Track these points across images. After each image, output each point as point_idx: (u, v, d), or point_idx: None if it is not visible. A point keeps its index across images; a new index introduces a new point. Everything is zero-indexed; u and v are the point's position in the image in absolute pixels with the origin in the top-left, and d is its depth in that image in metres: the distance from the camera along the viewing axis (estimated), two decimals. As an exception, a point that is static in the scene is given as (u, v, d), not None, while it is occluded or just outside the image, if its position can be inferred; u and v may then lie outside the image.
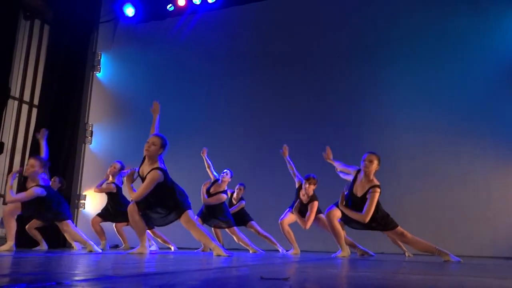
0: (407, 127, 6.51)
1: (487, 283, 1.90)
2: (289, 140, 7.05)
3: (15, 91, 7.66)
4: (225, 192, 5.66)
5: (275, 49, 7.54)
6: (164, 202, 3.90)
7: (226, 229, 5.70)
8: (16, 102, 7.80)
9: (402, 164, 6.36)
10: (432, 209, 6.12)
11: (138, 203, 3.92)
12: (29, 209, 4.69)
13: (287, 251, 5.49)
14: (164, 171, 3.89)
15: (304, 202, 5.20)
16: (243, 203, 6.03)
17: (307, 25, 7.46)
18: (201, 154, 5.85)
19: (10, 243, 4.68)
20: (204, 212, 5.67)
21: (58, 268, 2.26)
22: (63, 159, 7.36)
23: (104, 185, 5.85)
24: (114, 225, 6.22)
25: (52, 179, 5.58)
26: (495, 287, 1.75)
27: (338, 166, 4.74)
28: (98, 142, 8.19)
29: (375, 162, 3.97)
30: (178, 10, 8.25)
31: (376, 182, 3.99)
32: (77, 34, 7.86)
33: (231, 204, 5.98)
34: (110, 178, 5.89)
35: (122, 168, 5.93)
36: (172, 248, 6.10)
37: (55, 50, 7.67)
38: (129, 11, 8.40)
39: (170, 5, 8.26)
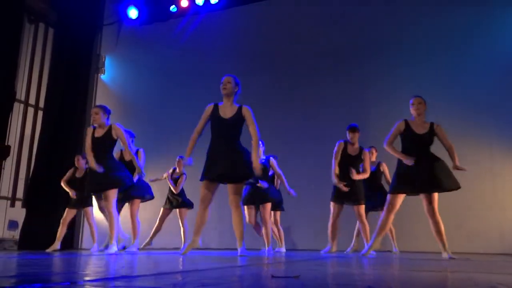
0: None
1: (498, 279, 1.90)
2: (295, 139, 7.08)
3: (20, 94, 7.71)
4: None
5: (279, 48, 7.54)
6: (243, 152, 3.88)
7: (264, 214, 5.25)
8: (21, 105, 7.85)
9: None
10: (438, 206, 6.09)
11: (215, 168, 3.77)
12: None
13: (322, 250, 5.31)
14: None
15: (354, 153, 5.00)
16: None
17: (311, 23, 7.46)
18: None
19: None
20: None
21: (72, 268, 2.27)
22: (70, 161, 7.39)
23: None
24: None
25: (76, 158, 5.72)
26: (507, 283, 1.75)
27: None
28: (103, 144, 8.22)
29: (423, 103, 4.11)
30: (181, 11, 8.27)
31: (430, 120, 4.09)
32: (81, 37, 7.90)
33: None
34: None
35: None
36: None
37: (60, 53, 7.71)
38: (133, 13, 8.44)
39: (173, 6, 8.29)
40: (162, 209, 6.18)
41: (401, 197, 4.04)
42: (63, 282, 1.43)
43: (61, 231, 5.63)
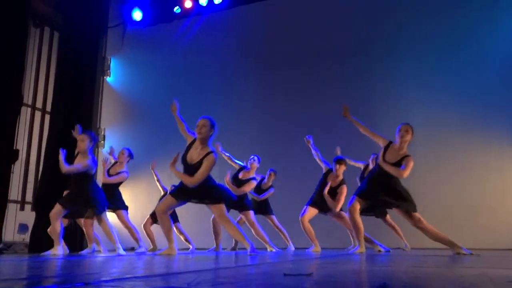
0: (421, 120, 6.44)
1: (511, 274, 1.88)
2: (300, 137, 7.05)
3: (27, 98, 7.75)
4: (253, 178, 5.58)
5: (284, 47, 7.53)
6: (208, 190, 3.92)
7: (244, 220, 5.65)
8: (29, 109, 7.89)
9: (416, 157, 6.29)
10: (447, 202, 6.07)
11: (181, 192, 3.92)
12: (67, 203, 4.64)
13: (307, 249, 5.44)
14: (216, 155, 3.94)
15: (334, 185, 5.19)
16: (271, 191, 5.95)
17: (315, 22, 7.44)
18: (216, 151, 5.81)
19: (56, 247, 4.64)
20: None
21: (85, 269, 2.29)
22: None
23: (118, 177, 5.63)
24: (142, 226, 6.28)
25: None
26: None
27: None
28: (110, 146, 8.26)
29: (410, 133, 4.08)
30: (185, 12, 8.29)
31: (408, 153, 4.08)
32: (86, 40, 7.93)
33: (260, 191, 5.90)
34: (118, 165, 5.75)
35: (131, 155, 5.83)
36: (191, 247, 6.13)
37: (65, 56, 7.74)
38: (137, 15, 8.47)
39: (177, 7, 8.31)
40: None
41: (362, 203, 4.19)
42: (78, 283, 1.43)
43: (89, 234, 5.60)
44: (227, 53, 7.89)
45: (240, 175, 5.59)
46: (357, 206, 4.15)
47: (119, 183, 5.62)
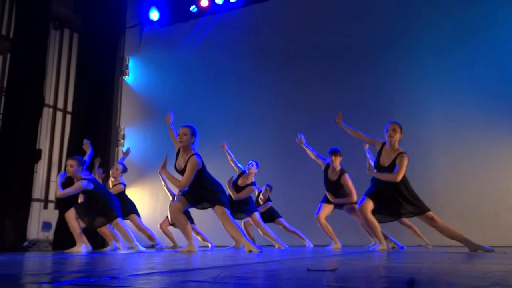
0: (441, 116, 6.35)
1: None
2: (317, 134, 7.03)
3: (49, 99, 7.92)
4: (253, 183, 5.63)
5: (300, 44, 7.50)
6: (205, 189, 4.03)
7: (252, 222, 5.70)
8: (50, 110, 8.06)
9: (435, 152, 6.21)
10: (469, 199, 5.95)
11: (186, 196, 4.08)
12: (82, 211, 4.80)
13: (327, 246, 5.41)
14: (200, 157, 4.04)
15: (334, 179, 5.17)
16: (269, 204, 6.05)
17: (331, 18, 7.38)
18: (222, 148, 5.87)
19: (79, 244, 4.74)
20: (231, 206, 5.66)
21: (109, 265, 2.32)
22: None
23: (113, 188, 5.78)
24: (159, 225, 6.38)
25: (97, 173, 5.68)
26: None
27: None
28: (130, 145, 8.36)
29: (398, 131, 4.03)
30: (201, 11, 8.32)
31: (401, 150, 4.03)
32: (105, 41, 8.05)
33: (257, 204, 5.98)
34: (113, 180, 5.89)
35: (125, 170, 6.00)
36: (210, 245, 6.19)
37: (85, 57, 7.87)
38: (154, 15, 8.54)
39: (194, 6, 8.35)
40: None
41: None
42: (106, 277, 1.45)
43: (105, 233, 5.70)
44: (243, 51, 7.90)
45: (239, 182, 5.61)
46: (369, 205, 4.07)
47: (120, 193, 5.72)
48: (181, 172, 4.05)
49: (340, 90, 7.05)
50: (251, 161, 5.70)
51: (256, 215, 5.61)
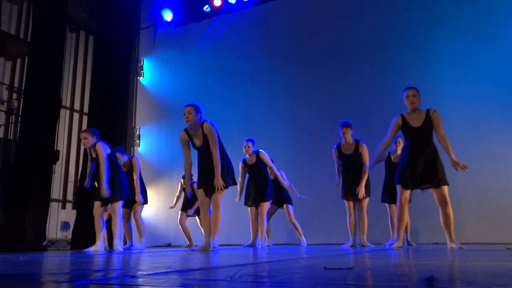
0: (456, 109, 6.23)
1: None
2: (331, 131, 6.99)
3: (66, 100, 8.05)
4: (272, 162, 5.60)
5: (313, 42, 7.46)
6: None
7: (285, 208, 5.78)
8: (67, 111, 8.19)
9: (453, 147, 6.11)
10: (487, 196, 5.83)
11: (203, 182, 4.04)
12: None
13: (343, 244, 5.33)
14: (212, 123, 4.06)
15: (349, 152, 5.04)
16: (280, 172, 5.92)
17: (344, 15, 7.33)
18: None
19: (98, 243, 4.78)
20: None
21: (128, 264, 2.35)
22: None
23: None
24: (178, 222, 6.38)
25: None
26: None
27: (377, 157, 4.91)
28: (146, 145, 8.45)
29: (418, 95, 3.99)
30: (214, 11, 8.35)
31: (425, 109, 3.97)
32: (119, 42, 8.14)
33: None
34: None
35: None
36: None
37: (100, 58, 7.97)
38: (167, 15, 8.60)
39: (207, 6, 8.37)
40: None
41: (410, 191, 4.00)
42: (124, 276, 1.47)
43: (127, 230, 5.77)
44: (257, 50, 7.90)
45: (249, 162, 5.53)
46: (407, 195, 3.96)
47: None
48: (202, 147, 4.02)
49: (354, 87, 7.00)
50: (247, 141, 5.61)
51: (268, 205, 5.54)
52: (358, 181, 4.97)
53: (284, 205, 6.00)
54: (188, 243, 6.40)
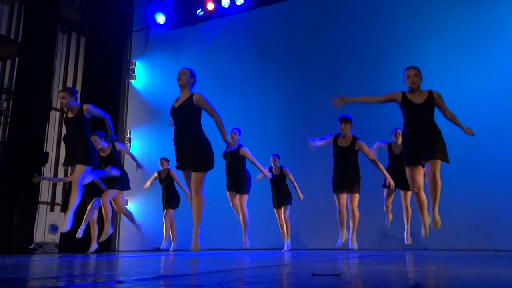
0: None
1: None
2: (324, 135, 7.01)
3: (56, 102, 7.97)
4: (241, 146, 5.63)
5: (305, 47, 7.50)
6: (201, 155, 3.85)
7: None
8: (57, 113, 8.12)
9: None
10: (475, 201, 5.87)
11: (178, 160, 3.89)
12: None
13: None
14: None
15: (345, 145, 4.88)
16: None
17: (337, 21, 7.38)
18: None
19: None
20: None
21: (116, 269, 2.33)
22: (104, 165, 7.60)
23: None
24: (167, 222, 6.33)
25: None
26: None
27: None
28: (136, 147, 8.40)
29: (419, 74, 3.89)
30: (208, 15, 8.35)
31: (427, 90, 3.86)
32: (112, 44, 8.10)
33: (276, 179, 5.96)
34: None
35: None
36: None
37: (92, 61, 7.93)
38: (160, 18, 8.58)
39: (200, 10, 8.38)
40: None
41: (418, 170, 3.84)
42: (111, 282, 1.46)
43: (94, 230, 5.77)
44: (249, 54, 7.91)
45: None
46: (418, 178, 3.82)
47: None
48: (178, 108, 3.90)
49: (346, 92, 6.98)
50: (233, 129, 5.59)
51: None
52: (349, 176, 4.82)
53: (283, 206, 5.98)
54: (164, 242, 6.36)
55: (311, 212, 6.68)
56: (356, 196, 4.86)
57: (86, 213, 5.59)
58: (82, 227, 5.49)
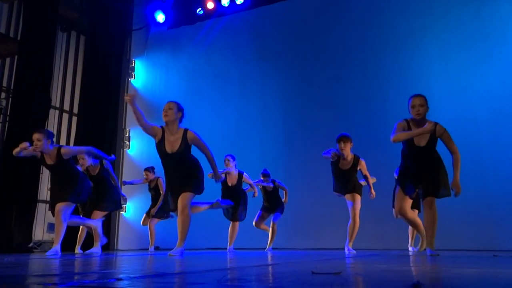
0: (447, 116, 6.26)
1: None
2: (323, 136, 7.03)
3: (55, 101, 7.97)
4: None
5: (305, 47, 7.50)
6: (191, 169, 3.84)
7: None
8: (57, 112, 8.11)
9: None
10: (473, 201, 5.86)
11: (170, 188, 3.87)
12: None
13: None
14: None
15: (346, 168, 4.67)
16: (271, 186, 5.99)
17: (337, 21, 7.38)
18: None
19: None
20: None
21: (115, 267, 2.32)
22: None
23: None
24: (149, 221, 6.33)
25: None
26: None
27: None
28: (135, 147, 8.40)
29: (426, 105, 3.57)
30: (207, 14, 8.35)
31: (432, 122, 3.52)
32: (111, 43, 8.09)
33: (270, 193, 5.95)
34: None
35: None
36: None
37: (92, 59, 7.92)
38: (160, 17, 8.58)
39: (200, 9, 8.37)
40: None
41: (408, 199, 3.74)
42: (110, 279, 1.46)
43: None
44: (249, 53, 7.91)
45: (228, 182, 5.55)
46: (404, 203, 3.68)
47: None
48: (175, 154, 3.73)
49: (346, 92, 7.04)
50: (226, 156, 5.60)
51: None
52: (348, 184, 4.69)
53: (272, 214, 5.96)
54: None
55: (309, 212, 6.69)
56: (358, 200, 4.66)
57: (79, 234, 5.47)
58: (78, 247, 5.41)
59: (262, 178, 5.87)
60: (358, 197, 4.69)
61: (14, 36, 7.50)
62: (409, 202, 3.77)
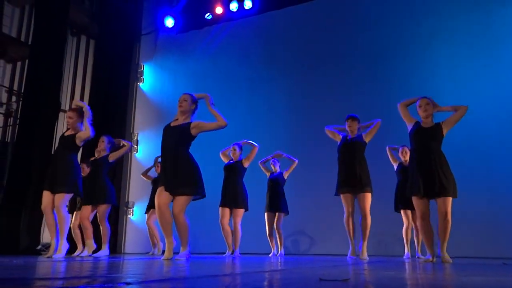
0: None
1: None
2: (331, 140, 7.00)
3: (65, 104, 8.04)
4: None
5: (312, 52, 7.50)
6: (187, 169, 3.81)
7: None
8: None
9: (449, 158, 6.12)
10: (483, 208, 5.82)
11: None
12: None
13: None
14: None
15: (351, 142, 4.63)
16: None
17: (344, 25, 7.38)
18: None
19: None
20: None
21: (123, 270, 2.33)
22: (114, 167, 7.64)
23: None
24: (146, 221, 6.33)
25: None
26: None
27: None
28: (144, 150, 8.44)
29: (431, 104, 3.88)
30: (216, 18, 8.39)
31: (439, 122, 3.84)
32: (121, 47, 8.17)
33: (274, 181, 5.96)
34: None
35: (111, 142, 5.60)
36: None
37: (101, 63, 7.99)
38: (169, 22, 8.64)
39: (208, 13, 8.42)
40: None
41: (423, 200, 3.72)
42: (120, 283, 1.46)
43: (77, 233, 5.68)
44: (257, 58, 7.93)
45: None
46: (422, 207, 3.71)
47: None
48: (174, 128, 3.90)
49: (353, 97, 7.02)
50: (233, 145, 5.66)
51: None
52: (354, 174, 4.46)
53: (277, 213, 5.88)
54: (152, 250, 6.36)
55: (316, 216, 6.66)
56: (368, 197, 4.40)
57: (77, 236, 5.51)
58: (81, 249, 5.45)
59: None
60: (368, 197, 4.42)
61: (25, 40, 7.59)
62: (427, 207, 3.76)
